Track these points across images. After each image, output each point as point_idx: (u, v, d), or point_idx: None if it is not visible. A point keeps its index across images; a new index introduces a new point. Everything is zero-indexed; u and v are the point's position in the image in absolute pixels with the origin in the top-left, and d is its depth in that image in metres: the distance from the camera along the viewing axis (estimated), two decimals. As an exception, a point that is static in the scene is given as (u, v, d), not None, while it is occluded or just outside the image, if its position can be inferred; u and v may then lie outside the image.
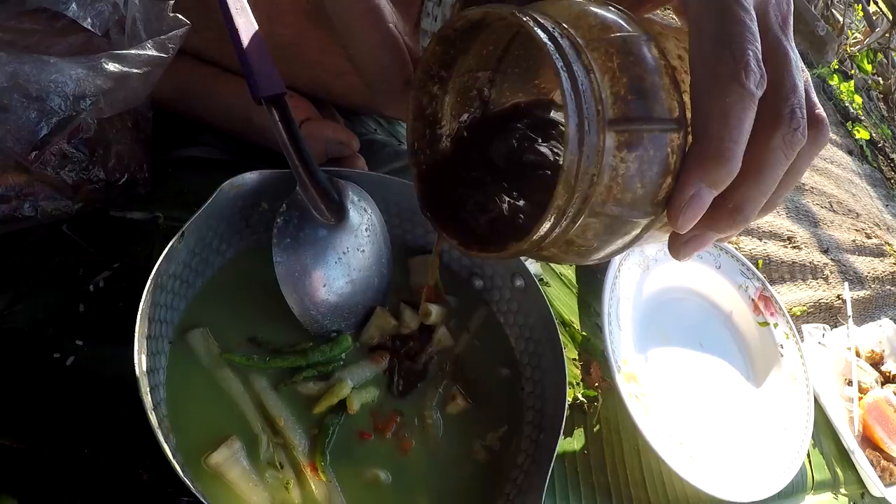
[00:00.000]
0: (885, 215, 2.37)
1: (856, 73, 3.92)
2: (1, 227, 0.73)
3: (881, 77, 4.22)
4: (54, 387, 0.69)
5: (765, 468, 0.96)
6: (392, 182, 0.77)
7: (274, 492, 0.61)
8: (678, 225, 0.40)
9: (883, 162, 2.90)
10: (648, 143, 0.39)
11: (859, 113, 3.16)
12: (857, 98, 3.22)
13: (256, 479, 0.61)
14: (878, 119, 3.53)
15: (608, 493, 0.84)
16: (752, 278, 1.13)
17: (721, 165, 0.40)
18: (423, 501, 0.65)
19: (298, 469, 0.63)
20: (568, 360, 0.91)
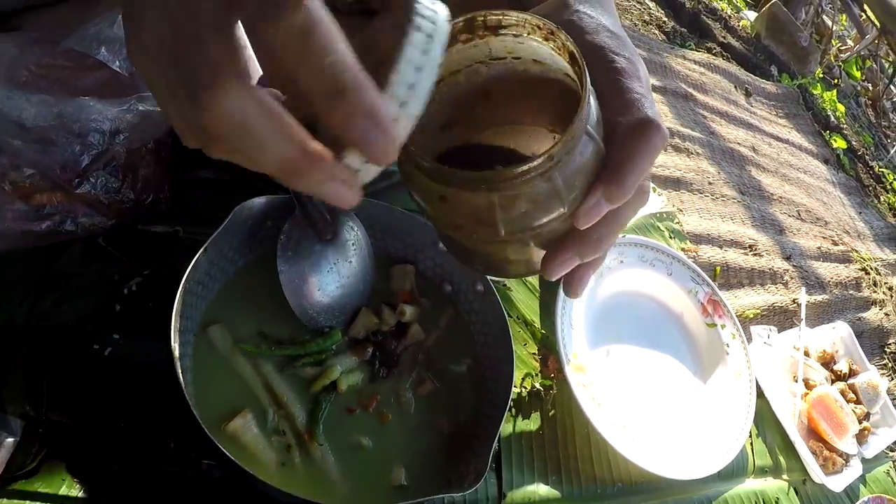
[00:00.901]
0: (858, 223, 2.51)
1: (844, 81, 4.07)
2: (47, 238, 0.90)
3: (871, 83, 4.37)
4: (95, 373, 0.85)
5: (705, 452, 1.12)
6: (375, 205, 0.94)
7: (279, 453, 0.79)
8: (579, 221, 0.58)
9: (862, 170, 3.02)
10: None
11: (842, 121, 3.30)
12: (840, 106, 3.36)
13: (265, 443, 0.78)
14: (864, 126, 3.66)
15: (558, 467, 1.02)
16: (701, 284, 1.31)
17: (623, 196, 0.58)
18: (398, 462, 0.82)
19: (298, 435, 0.80)
20: (528, 353, 1.09)
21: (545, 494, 0.99)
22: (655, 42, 2.54)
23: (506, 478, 0.97)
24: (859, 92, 4.17)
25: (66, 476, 0.80)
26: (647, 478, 1.05)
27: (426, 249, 0.99)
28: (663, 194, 1.65)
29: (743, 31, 3.30)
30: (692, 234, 1.63)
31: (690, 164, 1.94)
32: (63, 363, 0.85)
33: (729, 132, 2.33)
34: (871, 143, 3.40)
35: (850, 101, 3.85)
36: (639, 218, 1.49)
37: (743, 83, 2.75)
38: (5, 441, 0.78)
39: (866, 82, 4.40)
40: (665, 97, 2.21)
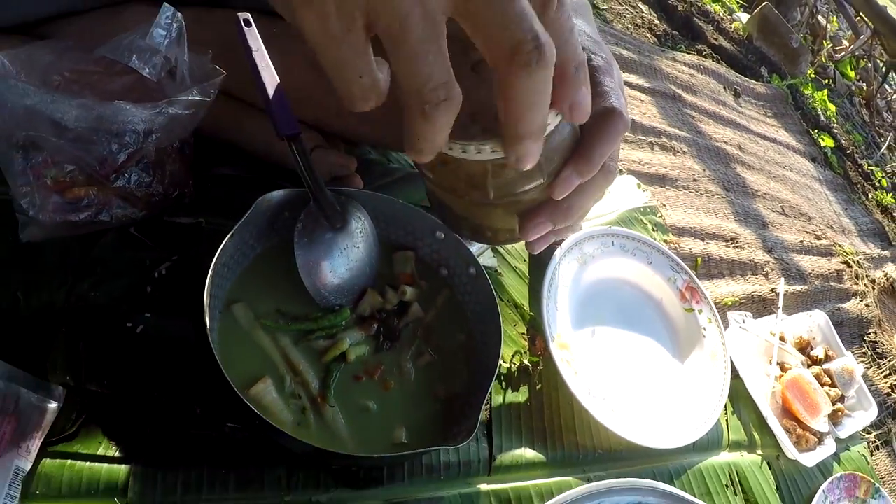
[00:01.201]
0: (843, 218, 2.62)
1: (838, 81, 4.16)
2: (83, 228, 1.00)
3: (865, 83, 4.47)
4: (128, 348, 0.96)
5: (681, 425, 1.23)
6: (380, 197, 1.05)
7: (295, 414, 0.90)
8: (554, 191, 0.70)
9: (850, 168, 3.13)
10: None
11: (832, 120, 3.41)
12: (831, 106, 3.46)
13: (283, 406, 0.89)
14: (857, 124, 3.77)
15: (544, 435, 1.14)
16: (680, 272, 1.42)
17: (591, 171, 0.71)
18: (399, 423, 0.94)
19: (312, 399, 0.92)
20: (517, 333, 1.21)
21: (531, 458, 1.11)
22: (646, 45, 2.65)
23: (496, 443, 1.09)
24: (853, 91, 4.26)
25: (103, 439, 0.90)
26: (625, 446, 1.16)
27: (425, 238, 1.09)
28: (648, 190, 1.76)
29: (735, 32, 3.41)
30: (675, 227, 1.74)
31: (676, 162, 2.05)
32: (99, 339, 0.96)
33: (716, 131, 2.43)
34: (861, 141, 3.50)
35: (844, 100, 3.94)
36: (623, 211, 1.60)
37: (732, 84, 2.86)
38: (49, 407, 0.88)
39: (861, 81, 4.50)
40: (654, 98, 2.32)
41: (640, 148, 2.02)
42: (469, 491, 1.03)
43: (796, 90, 3.31)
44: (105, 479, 0.88)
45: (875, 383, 1.94)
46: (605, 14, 2.69)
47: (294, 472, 0.94)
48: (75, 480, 0.87)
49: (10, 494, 0.82)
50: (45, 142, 0.95)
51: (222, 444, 0.93)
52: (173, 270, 1.03)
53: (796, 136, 2.94)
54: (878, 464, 1.72)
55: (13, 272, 0.99)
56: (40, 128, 0.94)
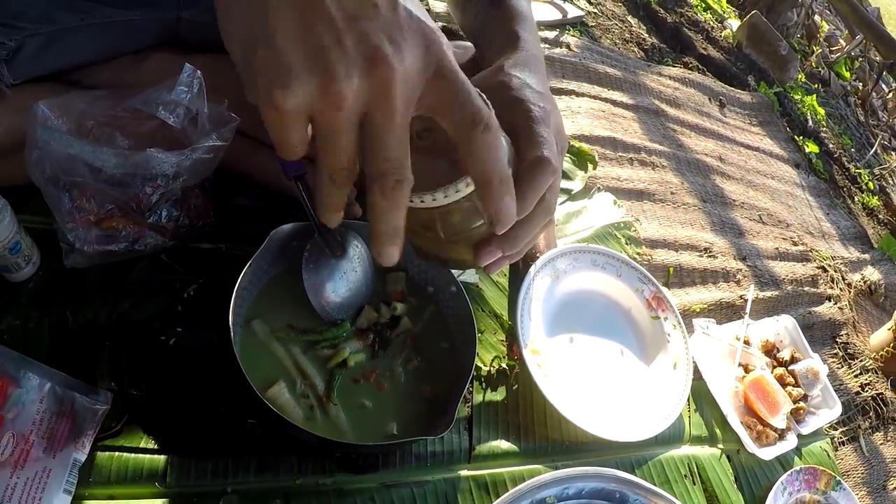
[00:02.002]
0: (824, 223, 2.76)
1: (833, 81, 4.27)
2: (121, 256, 1.20)
3: (861, 83, 4.58)
4: (163, 358, 1.16)
5: (643, 420, 1.43)
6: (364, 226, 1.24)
7: (304, 411, 1.10)
8: (495, 228, 0.79)
9: (837, 172, 3.26)
10: None
11: (821, 124, 3.53)
12: (821, 110, 3.57)
13: (294, 404, 1.10)
14: (851, 125, 3.87)
15: (518, 429, 1.35)
16: (647, 283, 1.62)
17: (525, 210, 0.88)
18: (391, 418, 1.14)
19: (318, 398, 1.12)
20: (497, 340, 1.41)
21: (506, 449, 1.31)
22: (633, 61, 2.82)
23: (476, 435, 1.30)
24: (849, 91, 4.38)
25: (144, 434, 1.10)
26: (590, 439, 1.35)
27: (414, 259, 1.28)
28: (623, 206, 1.95)
29: (724, 41, 3.54)
30: (649, 239, 1.92)
31: (654, 177, 2.23)
32: (138, 351, 1.16)
33: (697, 144, 2.60)
34: (850, 144, 3.61)
35: (839, 101, 4.05)
36: (598, 227, 1.80)
37: (717, 94, 3.01)
38: (99, 408, 1.07)
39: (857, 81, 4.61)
40: (636, 114, 2.49)
41: (620, 165, 2.18)
42: (451, 476, 1.24)
43: (785, 96, 3.43)
44: (147, 467, 1.08)
45: (845, 382, 2.08)
46: (593, 31, 2.85)
47: (304, 460, 1.14)
48: (122, 469, 1.07)
49: (70, 481, 1.01)
50: (86, 184, 1.14)
51: (244, 437, 1.13)
52: (200, 291, 1.24)
53: (781, 143, 3.10)
54: (844, 458, 1.86)
55: (61, 295, 1.19)
56: (79, 172, 1.12)
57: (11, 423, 1.01)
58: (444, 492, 1.22)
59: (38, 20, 1.20)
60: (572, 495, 1.28)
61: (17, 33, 1.17)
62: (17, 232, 1.12)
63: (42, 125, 1.10)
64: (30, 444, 1.01)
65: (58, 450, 1.02)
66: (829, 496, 1.65)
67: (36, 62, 1.21)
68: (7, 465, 0.98)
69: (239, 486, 1.10)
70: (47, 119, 1.11)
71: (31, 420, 1.03)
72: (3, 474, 0.97)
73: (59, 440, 1.03)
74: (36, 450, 1.01)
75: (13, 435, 1.00)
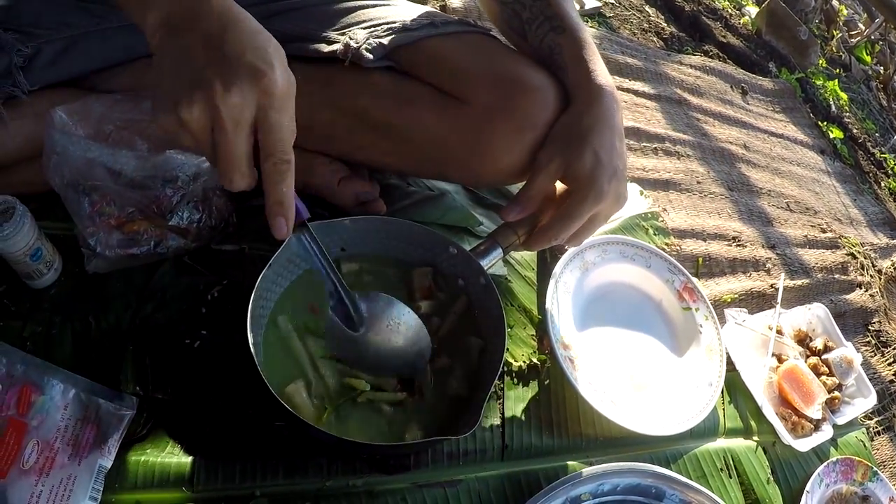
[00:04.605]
0: (852, 210, 2.72)
1: (854, 66, 4.22)
2: (143, 259, 1.20)
3: (882, 66, 4.52)
4: (188, 361, 1.16)
5: (677, 414, 1.40)
6: (399, 222, 1.24)
7: (318, 411, 1.08)
8: None
9: (862, 157, 3.21)
10: None
11: (844, 109, 3.49)
12: (843, 95, 3.52)
13: (310, 403, 1.08)
14: (873, 110, 3.83)
15: (551, 424, 1.33)
16: (677, 274, 1.59)
17: None
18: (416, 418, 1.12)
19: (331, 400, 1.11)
20: (527, 334, 1.40)
21: (539, 445, 1.30)
22: (652, 51, 2.79)
23: (508, 432, 1.28)
24: (870, 76, 4.32)
25: (169, 439, 1.10)
26: (624, 434, 1.33)
27: (443, 254, 1.25)
28: (650, 196, 1.93)
29: (743, 28, 3.51)
30: (677, 230, 1.90)
31: (680, 166, 2.21)
32: (163, 354, 1.16)
33: (721, 132, 2.57)
34: (874, 129, 3.56)
35: (861, 86, 4.00)
36: (624, 219, 1.78)
37: (739, 82, 2.98)
38: (125, 413, 1.06)
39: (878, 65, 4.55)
40: (659, 104, 2.47)
41: (644, 155, 2.16)
42: (485, 474, 1.23)
43: (807, 82, 3.39)
44: (174, 472, 1.07)
45: (878, 371, 2.04)
46: (611, 21, 2.83)
47: (334, 462, 1.13)
48: (149, 474, 1.06)
49: (96, 488, 1.01)
50: (105, 188, 1.13)
51: (272, 439, 1.12)
52: (224, 293, 1.23)
53: (805, 129, 3.05)
54: (879, 448, 1.83)
55: (83, 300, 1.19)
56: (98, 176, 1.12)
57: (36, 430, 1.01)
58: (478, 491, 1.20)
59: (54, 26, 1.21)
60: (607, 492, 1.26)
61: (33, 39, 1.18)
62: (37, 238, 1.12)
63: (60, 130, 1.10)
64: (54, 452, 1.00)
65: (83, 456, 1.02)
66: (867, 487, 1.61)
67: (53, 68, 1.21)
68: (32, 472, 0.98)
69: (267, 489, 1.09)
70: (65, 124, 1.12)
71: (55, 427, 1.02)
72: (28, 482, 0.97)
73: (84, 447, 1.02)
74: (61, 457, 1.00)
75: (38, 442, 1.00)
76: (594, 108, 1.19)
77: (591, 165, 1.13)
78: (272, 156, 0.86)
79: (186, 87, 0.80)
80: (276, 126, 0.85)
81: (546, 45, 1.26)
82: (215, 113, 0.80)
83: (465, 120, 1.22)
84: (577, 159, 1.14)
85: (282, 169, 0.87)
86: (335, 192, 1.37)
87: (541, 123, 1.20)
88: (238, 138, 0.83)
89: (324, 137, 1.30)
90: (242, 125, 0.82)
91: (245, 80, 0.81)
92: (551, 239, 1.17)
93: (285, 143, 0.86)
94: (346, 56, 1.26)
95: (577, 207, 1.14)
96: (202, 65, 0.81)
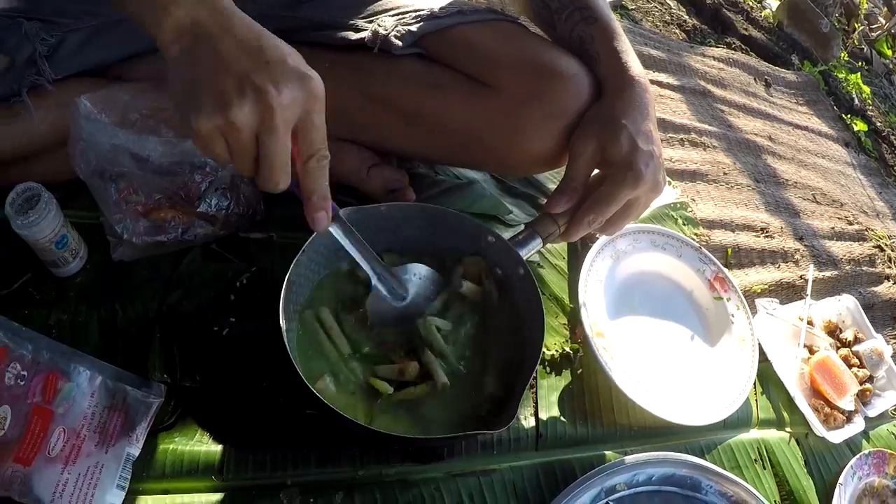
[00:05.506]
0: (877, 202, 2.67)
1: (875, 59, 4.17)
2: (171, 247, 1.17)
3: None
4: (217, 348, 1.13)
5: (711, 404, 1.37)
6: (435, 208, 1.21)
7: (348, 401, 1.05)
8: None
9: (886, 150, 3.18)
10: None
11: (867, 102, 3.45)
12: (866, 88, 3.48)
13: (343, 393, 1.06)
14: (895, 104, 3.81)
15: (585, 414, 1.29)
16: (708, 263, 1.56)
17: None
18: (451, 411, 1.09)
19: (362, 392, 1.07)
20: (559, 323, 1.37)
21: (574, 435, 1.27)
22: (675, 42, 2.76)
23: (542, 421, 1.25)
24: (891, 70, 4.28)
25: (198, 427, 1.07)
26: (658, 423, 1.30)
27: (480, 242, 1.21)
28: (678, 187, 1.91)
29: (764, 21, 3.47)
30: (705, 220, 1.86)
31: (706, 157, 2.17)
32: (191, 342, 1.13)
33: (746, 124, 2.53)
34: None
35: (882, 79, 3.97)
36: (653, 209, 1.74)
37: (762, 74, 2.94)
38: (153, 401, 1.04)
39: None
40: (683, 95, 2.44)
41: (671, 146, 2.13)
42: (519, 464, 1.20)
43: (829, 75, 3.35)
44: (203, 460, 1.05)
45: None
46: (633, 14, 2.81)
47: (367, 450, 1.10)
48: (177, 463, 1.04)
49: (123, 476, 0.99)
50: (131, 174, 1.11)
51: (303, 428, 1.10)
52: (252, 280, 1.20)
53: (829, 122, 3.01)
54: None
55: (110, 288, 1.17)
56: (125, 163, 1.10)
57: (62, 418, 0.98)
58: (512, 480, 1.18)
59: (78, 15, 1.20)
60: (642, 482, 1.23)
61: (57, 29, 1.18)
62: (63, 226, 1.10)
63: (85, 117, 1.08)
64: (81, 440, 0.98)
65: (110, 444, 1.00)
66: (899, 480, 1.58)
67: (77, 57, 1.21)
68: (58, 461, 0.96)
69: (299, 478, 1.07)
70: (90, 112, 1.09)
71: (81, 415, 1.00)
72: (53, 470, 0.95)
73: (111, 435, 1.00)
74: (87, 445, 0.98)
75: (63, 430, 0.98)
76: (626, 94, 1.17)
77: (628, 148, 1.11)
78: (316, 153, 0.87)
79: (233, 90, 0.79)
80: (319, 126, 0.86)
81: (576, 36, 1.24)
82: (269, 114, 0.80)
83: (495, 107, 1.21)
84: (612, 143, 1.12)
85: (323, 164, 0.89)
86: (364, 180, 1.35)
87: (572, 111, 1.18)
88: (287, 138, 0.83)
89: (352, 125, 1.28)
90: (290, 126, 0.83)
91: (295, 83, 0.82)
92: (588, 225, 1.14)
93: (324, 140, 0.88)
94: (375, 43, 1.24)
95: (614, 191, 1.12)
96: (247, 69, 0.80)
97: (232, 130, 0.80)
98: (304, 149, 0.86)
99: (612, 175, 1.13)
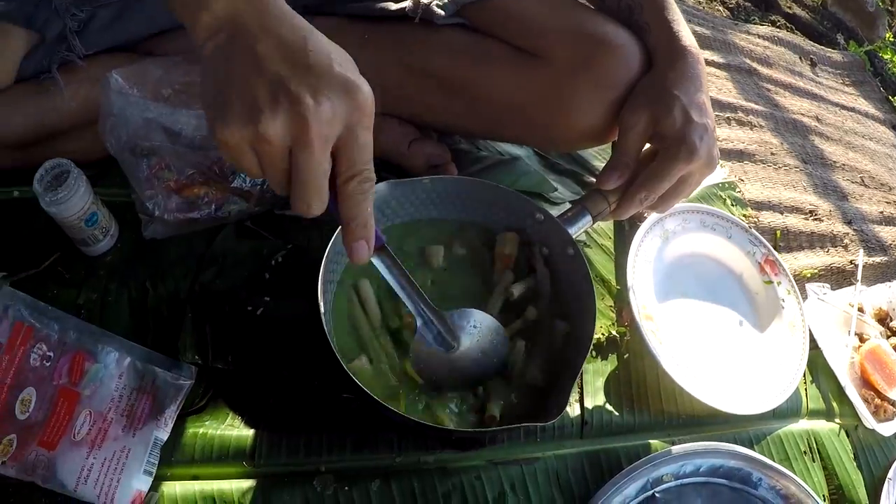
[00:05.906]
0: None
1: None
2: (204, 224, 1.13)
3: None
4: (250, 329, 1.09)
5: (761, 392, 1.31)
6: (483, 183, 1.17)
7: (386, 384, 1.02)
8: None
9: None
10: None
11: None
12: None
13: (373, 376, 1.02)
14: None
15: (631, 401, 1.24)
16: (759, 246, 1.48)
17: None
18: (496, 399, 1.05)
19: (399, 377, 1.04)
20: (605, 306, 1.31)
21: (619, 422, 1.21)
22: (719, 19, 2.68)
23: (587, 408, 1.19)
24: None
25: (230, 411, 1.04)
26: (706, 412, 1.24)
27: (528, 219, 1.17)
28: (726, 166, 1.84)
29: None
30: (754, 201, 1.80)
31: (753, 137, 2.10)
32: (223, 322, 1.09)
33: (793, 104, 2.45)
34: None
35: None
36: (702, 188, 1.68)
37: (808, 54, 2.86)
38: (183, 384, 1.01)
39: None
40: (729, 73, 2.36)
41: (718, 124, 2.05)
42: (563, 452, 1.14)
43: (875, 55, 3.26)
44: (234, 445, 1.01)
45: None
46: (676, -10, 2.73)
47: (405, 436, 1.06)
48: (207, 448, 1.00)
49: (151, 461, 0.95)
50: (163, 149, 1.08)
51: (339, 412, 1.05)
52: (288, 258, 1.16)
53: (875, 104, 2.91)
54: None
55: (140, 267, 1.14)
56: (156, 137, 1.07)
57: (88, 400, 0.95)
58: (556, 469, 1.13)
59: None
60: (689, 473, 1.17)
61: (87, 4, 1.15)
62: (93, 203, 1.07)
63: (116, 92, 1.05)
64: (108, 423, 0.95)
65: (138, 428, 0.97)
66: (949, 477, 1.51)
67: (108, 32, 1.19)
68: (84, 444, 0.93)
69: (334, 464, 1.03)
70: (121, 87, 1.06)
71: (109, 397, 0.97)
72: (79, 454, 0.92)
73: (139, 418, 0.97)
74: (114, 428, 0.95)
75: (90, 413, 0.95)
76: (679, 65, 1.12)
77: (682, 121, 1.06)
78: (359, 174, 0.76)
79: (266, 98, 0.70)
80: (364, 144, 0.75)
81: (625, 5, 1.19)
82: (303, 127, 0.70)
83: (542, 77, 1.16)
84: (665, 115, 1.07)
85: (366, 188, 0.78)
86: (405, 155, 1.31)
87: (623, 82, 1.13)
88: (323, 157, 0.73)
89: (393, 98, 1.23)
90: (328, 142, 0.73)
91: (338, 93, 0.72)
92: (640, 202, 1.09)
93: (370, 160, 0.77)
94: (416, 13, 1.20)
95: (668, 165, 1.06)
96: (284, 74, 0.71)
97: (261, 144, 0.71)
98: (344, 169, 0.76)
99: (664, 149, 1.07)
